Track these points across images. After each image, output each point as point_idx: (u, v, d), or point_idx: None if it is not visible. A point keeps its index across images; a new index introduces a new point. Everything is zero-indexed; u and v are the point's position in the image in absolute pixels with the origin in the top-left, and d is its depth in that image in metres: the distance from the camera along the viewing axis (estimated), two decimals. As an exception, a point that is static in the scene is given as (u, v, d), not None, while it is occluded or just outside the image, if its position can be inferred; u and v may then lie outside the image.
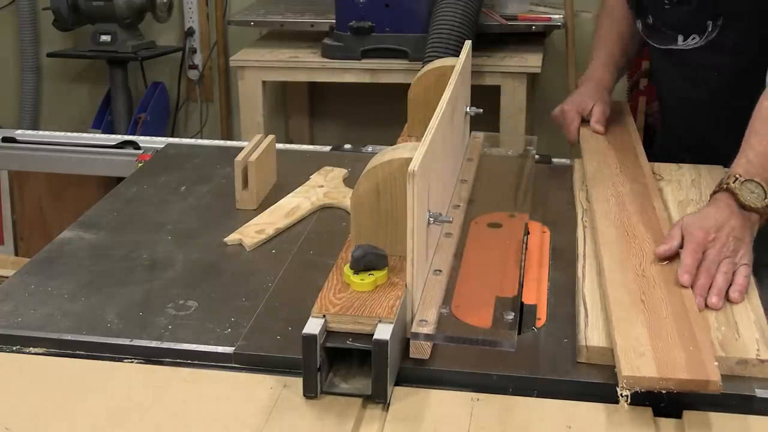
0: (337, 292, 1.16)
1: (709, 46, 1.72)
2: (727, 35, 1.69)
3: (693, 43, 1.74)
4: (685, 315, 1.18)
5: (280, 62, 3.09)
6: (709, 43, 1.71)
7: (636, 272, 1.29)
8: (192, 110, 3.99)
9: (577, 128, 1.84)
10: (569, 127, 1.85)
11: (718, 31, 1.69)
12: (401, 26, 2.96)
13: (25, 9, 3.85)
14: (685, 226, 1.35)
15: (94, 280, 1.40)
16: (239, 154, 1.66)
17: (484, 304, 1.21)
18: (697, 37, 1.72)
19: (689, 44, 1.74)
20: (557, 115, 1.89)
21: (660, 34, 1.80)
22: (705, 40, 1.71)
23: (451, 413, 1.08)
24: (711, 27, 1.69)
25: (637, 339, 1.12)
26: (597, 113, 1.83)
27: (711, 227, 1.33)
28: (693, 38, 1.73)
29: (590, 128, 1.83)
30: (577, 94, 1.90)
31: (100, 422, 1.07)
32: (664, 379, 1.05)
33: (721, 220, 1.34)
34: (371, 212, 1.24)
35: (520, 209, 1.52)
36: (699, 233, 1.32)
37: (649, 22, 1.81)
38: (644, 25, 1.82)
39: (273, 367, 1.17)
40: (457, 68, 1.56)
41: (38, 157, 2.31)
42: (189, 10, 3.82)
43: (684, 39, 1.75)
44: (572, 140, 1.85)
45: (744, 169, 1.40)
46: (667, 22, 1.78)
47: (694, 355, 1.09)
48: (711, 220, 1.35)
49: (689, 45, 1.74)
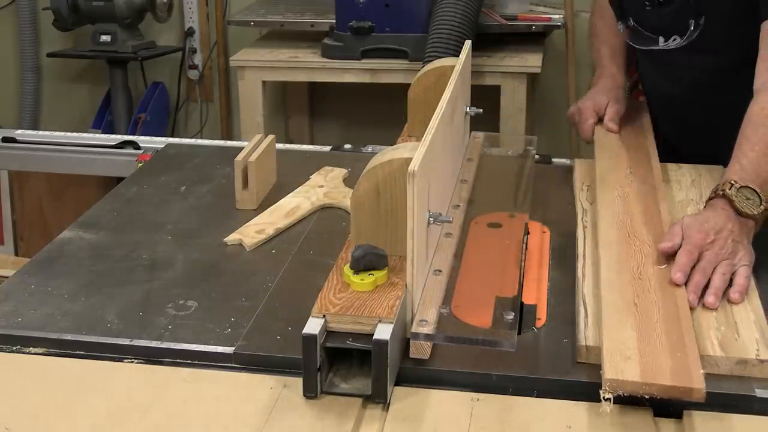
0: (337, 292, 1.16)
1: (690, 46, 1.71)
2: (708, 36, 1.69)
3: (674, 44, 1.73)
4: (677, 320, 1.17)
5: (280, 62, 3.09)
6: (690, 43, 1.71)
7: (632, 275, 1.29)
8: (192, 110, 3.99)
9: (592, 126, 1.82)
10: (584, 125, 1.84)
11: (700, 31, 1.69)
12: (401, 26, 2.97)
13: (25, 9, 3.86)
14: (684, 228, 1.35)
15: (94, 280, 1.39)
16: (239, 154, 1.66)
17: (484, 304, 1.21)
18: (678, 37, 1.72)
19: (670, 45, 1.74)
20: (573, 113, 1.88)
21: (641, 35, 1.80)
22: (686, 40, 1.71)
23: (451, 413, 1.08)
24: (693, 26, 1.68)
25: (624, 342, 1.12)
26: (611, 112, 1.82)
27: (710, 230, 1.34)
28: (674, 39, 1.73)
29: (604, 126, 1.82)
30: (593, 92, 1.88)
31: (100, 422, 1.07)
32: (648, 384, 1.05)
33: (720, 224, 1.35)
34: (371, 212, 1.24)
35: (520, 209, 1.52)
36: (697, 235, 1.33)
37: (630, 24, 1.81)
38: (626, 27, 1.82)
39: (273, 367, 1.17)
40: (457, 68, 1.56)
41: (38, 157, 2.31)
42: (189, 10, 3.82)
43: (665, 40, 1.75)
44: (587, 138, 1.83)
45: (738, 175, 1.41)
46: (648, 24, 1.78)
47: (680, 362, 1.08)
48: (710, 223, 1.35)
49: (670, 46, 1.74)
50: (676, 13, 1.71)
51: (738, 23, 1.65)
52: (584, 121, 1.84)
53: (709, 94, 1.77)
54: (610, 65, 1.92)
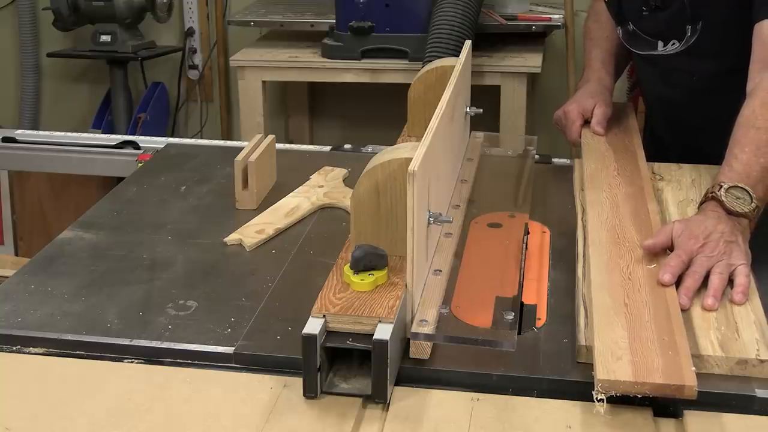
0: (337, 292, 1.16)
1: (688, 51, 1.72)
2: (705, 40, 1.69)
3: (673, 49, 1.74)
4: (668, 319, 1.17)
5: (280, 62, 3.09)
6: (688, 48, 1.71)
7: (622, 275, 1.29)
8: (192, 110, 3.99)
9: (579, 129, 1.83)
10: (571, 129, 1.84)
11: (698, 36, 1.69)
12: (401, 26, 2.97)
13: (25, 9, 3.85)
14: (674, 234, 1.34)
15: (94, 280, 1.40)
16: (239, 154, 1.66)
17: (484, 304, 1.21)
18: (677, 42, 1.72)
19: (669, 50, 1.74)
20: (559, 117, 1.89)
21: (640, 40, 1.80)
22: (684, 45, 1.71)
23: (451, 413, 1.08)
24: (690, 32, 1.69)
25: (616, 342, 1.12)
26: (598, 114, 1.83)
27: (700, 234, 1.33)
28: (673, 44, 1.73)
29: (591, 130, 1.83)
30: (579, 95, 1.89)
31: (100, 422, 1.07)
32: (640, 384, 1.05)
33: (710, 227, 1.34)
34: (371, 212, 1.24)
35: (520, 209, 1.52)
36: (688, 241, 1.32)
37: (630, 29, 1.81)
38: (625, 32, 1.83)
39: (273, 367, 1.17)
40: (457, 68, 1.56)
41: (38, 157, 2.31)
42: (189, 10, 3.82)
43: (664, 45, 1.75)
44: (574, 141, 1.84)
45: (728, 177, 1.41)
46: (647, 29, 1.78)
47: (671, 360, 1.08)
48: (700, 227, 1.35)
49: (669, 51, 1.74)
50: (673, 19, 1.71)
51: (734, 28, 1.65)
52: (571, 124, 1.84)
53: (708, 98, 1.78)
54: (599, 69, 1.92)
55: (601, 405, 1.04)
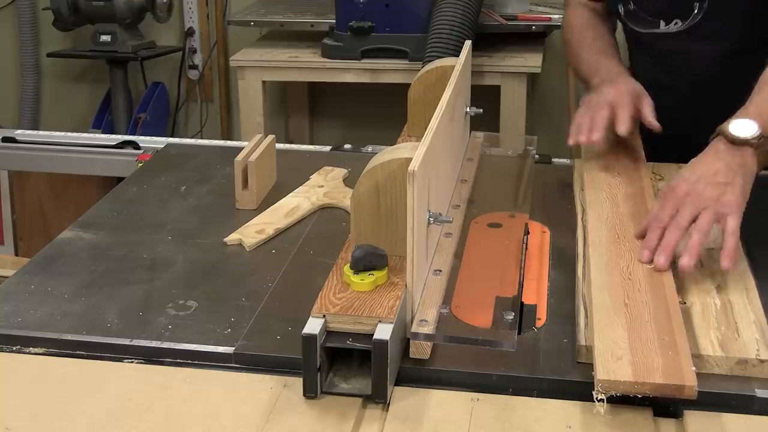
0: (337, 292, 1.16)
1: (690, 31, 1.69)
2: (710, 20, 1.67)
3: (675, 28, 1.70)
4: (668, 318, 1.17)
5: (280, 62, 3.10)
6: (689, 29, 1.68)
7: (622, 275, 1.29)
8: (192, 110, 3.99)
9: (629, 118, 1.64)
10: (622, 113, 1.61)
11: (703, 14, 1.66)
12: (401, 26, 2.97)
13: (25, 9, 3.86)
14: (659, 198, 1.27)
15: (94, 280, 1.39)
16: (239, 154, 1.66)
17: (484, 304, 1.21)
18: (680, 21, 1.68)
19: (671, 29, 1.71)
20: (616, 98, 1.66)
21: (641, 19, 1.77)
22: (688, 24, 1.68)
23: (451, 413, 1.08)
24: (697, 9, 1.66)
25: (616, 342, 1.12)
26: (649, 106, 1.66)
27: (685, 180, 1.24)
28: (675, 23, 1.69)
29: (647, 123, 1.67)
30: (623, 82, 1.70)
31: (100, 422, 1.07)
32: (640, 383, 1.05)
33: (700, 170, 1.26)
34: (371, 212, 1.24)
35: (520, 209, 1.52)
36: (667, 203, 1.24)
37: (631, 7, 1.78)
38: (626, 11, 1.80)
39: (273, 367, 1.17)
40: (457, 68, 1.56)
41: (38, 157, 2.31)
42: (189, 10, 3.83)
43: (666, 24, 1.71)
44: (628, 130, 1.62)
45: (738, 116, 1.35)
46: (648, 7, 1.75)
47: (672, 360, 1.08)
48: (687, 171, 1.26)
49: (671, 29, 1.71)
50: None
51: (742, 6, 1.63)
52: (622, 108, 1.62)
53: (705, 84, 1.76)
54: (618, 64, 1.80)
55: (601, 405, 1.04)
